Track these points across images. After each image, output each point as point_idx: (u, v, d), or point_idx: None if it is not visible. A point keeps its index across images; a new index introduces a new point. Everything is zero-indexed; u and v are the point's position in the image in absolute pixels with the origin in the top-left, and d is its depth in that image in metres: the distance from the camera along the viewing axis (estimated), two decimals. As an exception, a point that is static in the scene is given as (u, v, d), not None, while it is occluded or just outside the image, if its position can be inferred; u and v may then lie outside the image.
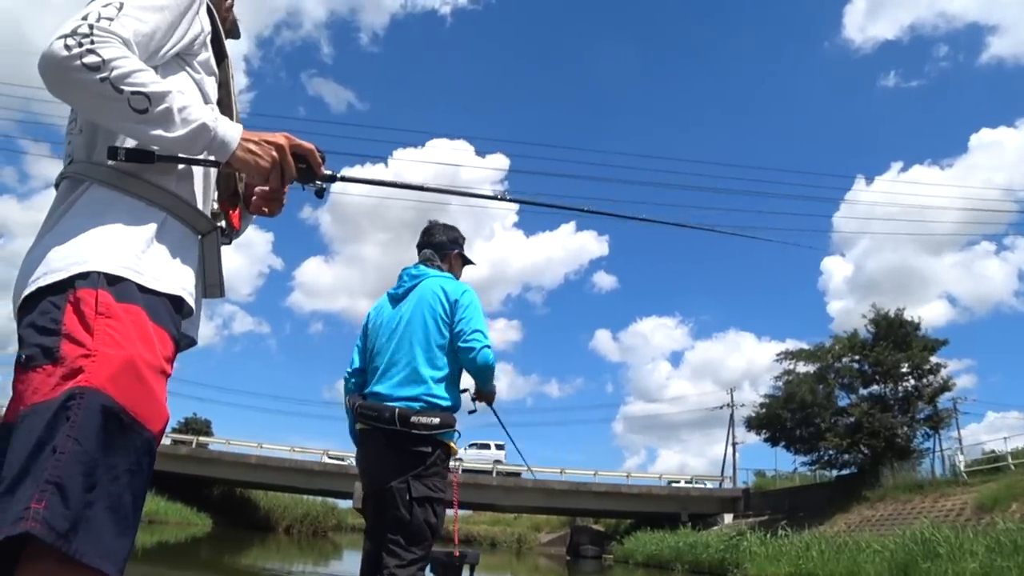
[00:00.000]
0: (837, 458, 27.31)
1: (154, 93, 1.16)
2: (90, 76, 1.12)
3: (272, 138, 1.30)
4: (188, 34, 1.33)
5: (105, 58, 1.12)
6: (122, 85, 1.13)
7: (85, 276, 1.12)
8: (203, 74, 1.39)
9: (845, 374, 27.23)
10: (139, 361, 1.10)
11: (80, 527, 1.00)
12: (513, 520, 57.11)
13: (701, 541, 24.45)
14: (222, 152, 1.25)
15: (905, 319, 27.07)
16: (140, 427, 1.09)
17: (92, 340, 1.08)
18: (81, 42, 1.12)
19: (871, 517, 22.74)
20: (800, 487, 31.54)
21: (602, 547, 38.87)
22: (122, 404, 1.06)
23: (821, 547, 15.94)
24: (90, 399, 1.03)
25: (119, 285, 1.14)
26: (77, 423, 1.02)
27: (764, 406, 29.31)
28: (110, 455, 1.05)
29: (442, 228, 3.17)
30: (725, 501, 34.94)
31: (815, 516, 24.65)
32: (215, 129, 1.23)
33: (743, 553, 20.02)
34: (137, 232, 1.20)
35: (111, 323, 1.10)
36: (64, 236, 1.17)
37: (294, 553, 25.24)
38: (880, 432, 24.88)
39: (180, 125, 1.19)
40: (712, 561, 21.98)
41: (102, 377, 1.05)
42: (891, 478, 23.97)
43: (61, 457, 0.99)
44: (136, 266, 1.17)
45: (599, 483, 36.32)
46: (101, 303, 1.10)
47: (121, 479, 1.07)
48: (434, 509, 2.66)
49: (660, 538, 28.79)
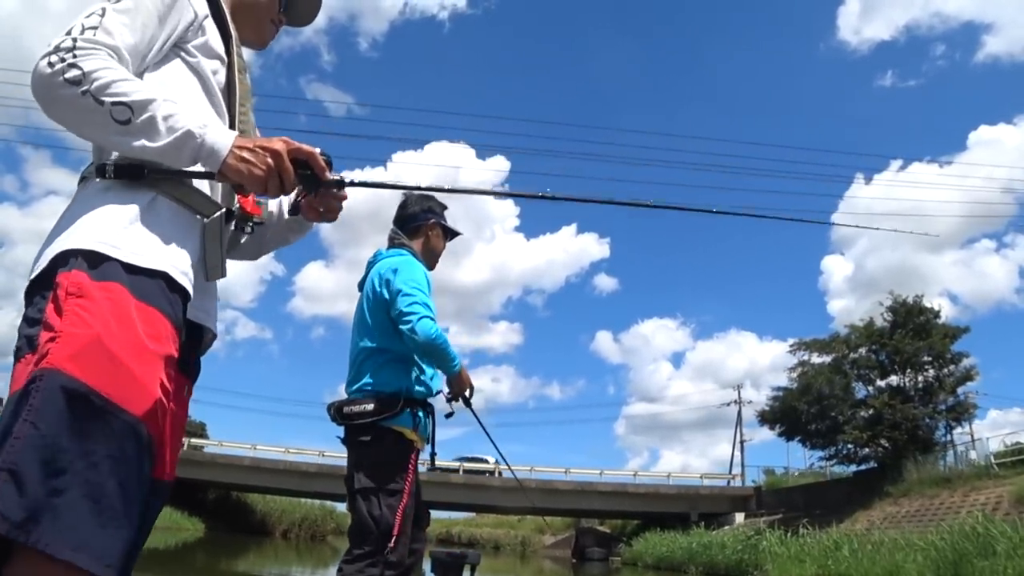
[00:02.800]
0: (856, 452, 26.14)
1: (136, 102, 1.11)
2: (72, 91, 1.09)
3: (268, 144, 1.20)
4: (180, 23, 1.29)
5: (86, 70, 1.10)
6: (103, 96, 1.10)
7: (65, 261, 1.10)
8: (200, 57, 1.33)
9: (863, 364, 26.01)
10: (108, 339, 1.04)
11: (43, 517, 0.94)
12: (517, 522, 56.47)
13: (716, 542, 23.17)
14: (212, 161, 1.17)
15: (924, 306, 25.90)
16: (116, 409, 1.03)
17: (60, 322, 1.04)
18: (63, 57, 1.10)
19: (895, 514, 21.54)
20: (815, 484, 30.41)
21: (609, 549, 38.12)
22: (90, 385, 1.01)
23: (854, 545, 14.68)
24: (49, 380, 0.99)
25: (97, 263, 1.10)
26: (35, 406, 0.98)
27: (777, 399, 28.14)
28: (82, 440, 0.99)
29: (416, 199, 2.99)
30: (736, 500, 34.01)
31: (834, 514, 23.46)
32: (203, 136, 1.15)
33: (763, 554, 18.78)
34: (120, 210, 1.16)
35: (81, 302, 1.06)
36: (57, 229, 1.17)
37: (291, 558, 24.32)
38: (902, 424, 23.76)
39: (165, 134, 1.13)
40: (729, 563, 20.74)
41: (62, 357, 1.01)
42: (915, 472, 22.82)
43: (15, 442, 0.95)
44: (113, 241, 1.13)
45: (605, 482, 35.54)
46: (72, 283, 1.07)
47: (101, 466, 1.00)
48: (379, 500, 2.51)
49: (671, 539, 27.59)
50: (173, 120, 1.13)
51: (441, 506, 40.12)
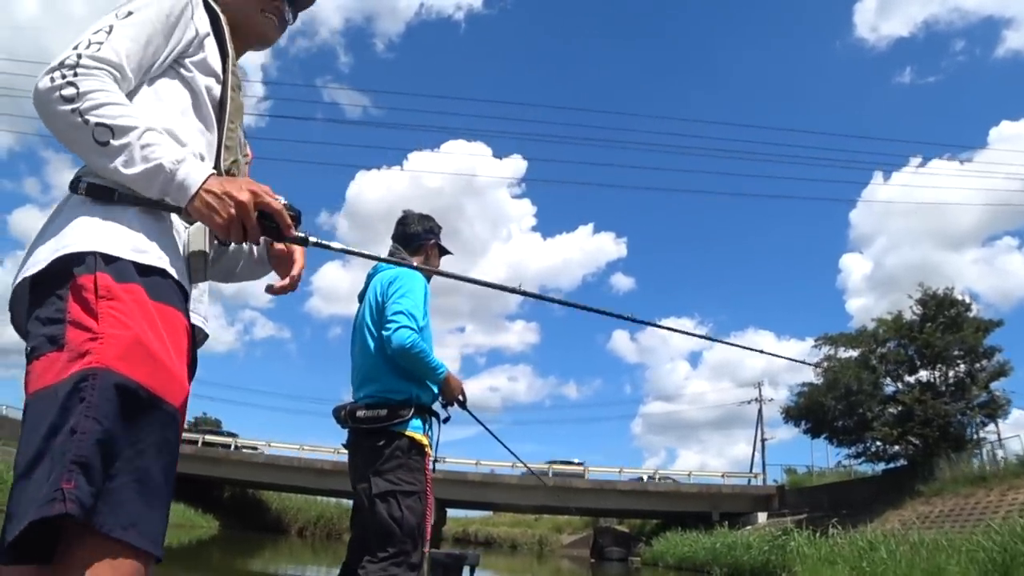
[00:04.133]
0: (885, 450, 25.32)
1: (119, 126, 1.16)
2: (64, 107, 1.15)
3: (236, 193, 1.20)
4: (183, 39, 1.33)
5: (81, 90, 1.15)
6: (89, 116, 1.14)
7: (81, 261, 1.13)
8: (196, 73, 1.36)
9: (891, 359, 25.16)
10: (145, 338, 1.11)
11: (101, 501, 1.02)
12: (534, 521, 56.11)
13: (741, 542, 22.41)
14: (179, 197, 1.19)
15: (955, 298, 24.98)
16: (161, 401, 1.11)
17: (97, 323, 1.09)
18: (64, 74, 1.15)
19: (928, 513, 20.74)
20: (841, 482, 29.62)
21: (628, 549, 37.62)
22: (136, 380, 1.07)
23: (891, 546, 13.94)
24: (103, 379, 1.05)
25: (115, 265, 1.15)
26: (93, 403, 1.03)
27: (802, 395, 27.37)
28: (133, 431, 1.07)
29: (417, 218, 3.13)
30: (758, 499, 33.35)
31: (861, 514, 22.69)
32: (174, 172, 1.18)
33: (790, 555, 18.04)
34: (124, 211, 1.20)
35: (114, 304, 1.11)
36: (57, 226, 1.19)
37: (307, 556, 23.96)
38: (933, 421, 22.92)
39: (139, 162, 1.16)
40: (755, 564, 19.99)
41: (112, 357, 1.06)
42: (948, 470, 21.98)
43: (82, 436, 1.01)
44: (129, 244, 1.17)
45: (624, 481, 34.91)
46: (101, 286, 1.11)
47: (147, 453, 1.08)
48: (399, 502, 2.59)
49: (693, 539, 26.89)
50: (149, 150, 1.17)
51: (456, 504, 39.80)
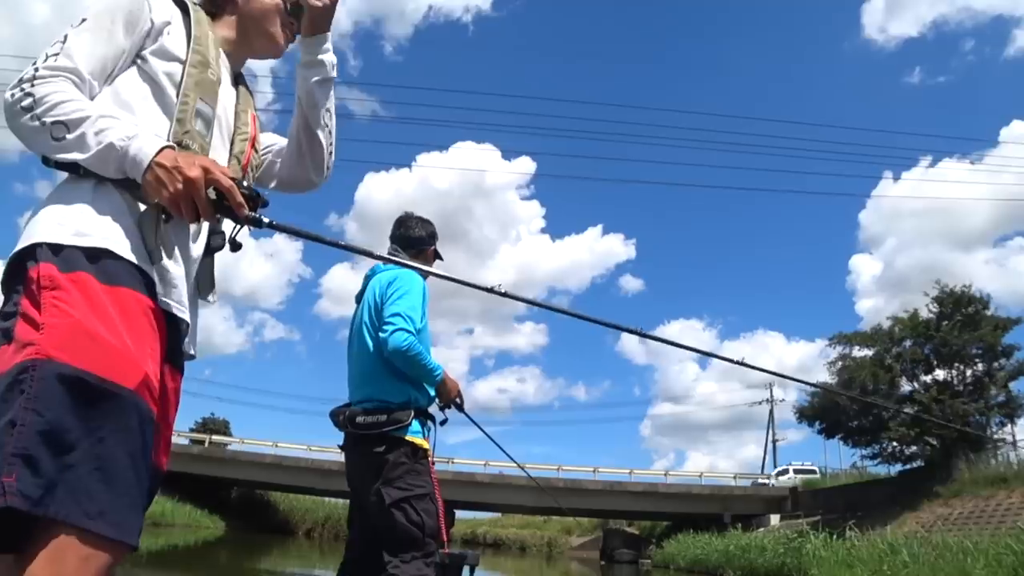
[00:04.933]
0: (901, 451, 24.83)
1: (72, 120, 1.20)
2: (25, 116, 1.21)
3: (186, 168, 1.19)
4: (139, 33, 1.35)
5: (36, 96, 1.21)
6: (45, 118, 1.20)
7: (32, 254, 1.16)
8: (153, 60, 1.36)
9: (908, 358, 24.66)
10: (89, 324, 1.10)
11: (56, 490, 1.01)
12: (543, 523, 55.68)
13: (755, 544, 21.95)
14: (134, 171, 1.21)
15: (973, 295, 24.47)
16: (112, 385, 1.09)
17: (40, 314, 1.10)
18: (23, 87, 1.22)
19: (947, 515, 20.27)
20: (856, 484, 29.07)
21: (638, 551, 37.19)
22: (82, 368, 1.06)
23: (913, 549, 13.49)
24: (43, 369, 1.04)
25: (62, 254, 1.16)
26: (33, 394, 1.03)
27: (817, 394, 26.89)
28: (86, 419, 1.05)
29: (418, 222, 3.15)
30: (771, 501, 32.86)
31: (878, 516, 22.21)
32: (125, 148, 1.20)
33: (806, 557, 17.58)
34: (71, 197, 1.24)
35: (57, 294, 1.12)
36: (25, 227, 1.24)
37: (315, 558, 23.68)
38: (951, 421, 22.39)
39: (92, 146, 1.20)
40: (769, 567, 19.53)
41: (52, 346, 1.06)
42: (967, 471, 21.50)
43: (22, 429, 1.00)
44: (68, 228, 1.19)
45: (635, 482, 34.51)
46: (44, 275, 1.13)
47: (107, 440, 1.07)
48: (414, 507, 2.61)
49: (706, 541, 26.39)
50: (103, 135, 1.20)
51: (465, 506, 39.49)
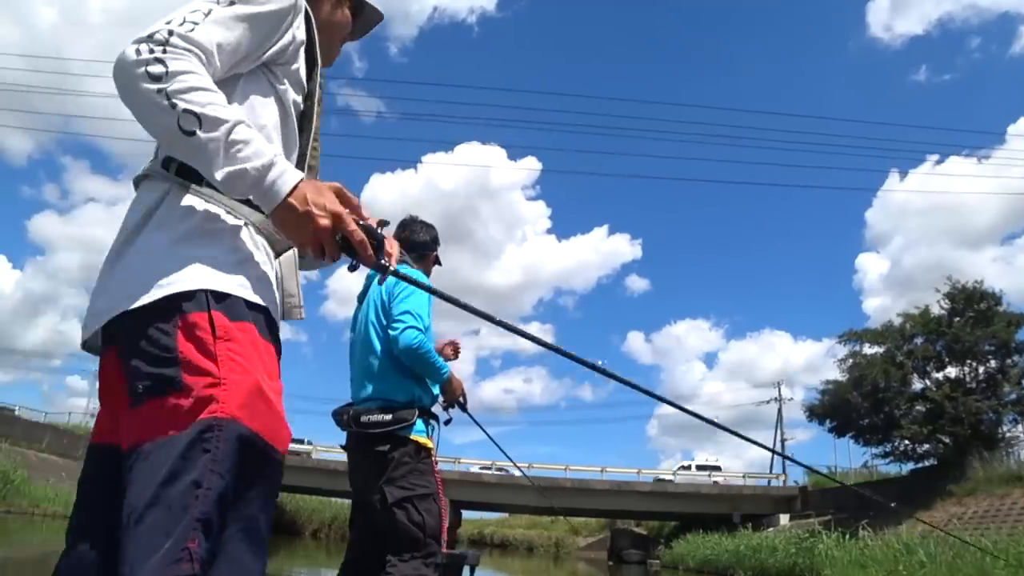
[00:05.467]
0: (914, 449, 24.49)
1: (208, 117, 1.06)
2: (149, 85, 1.06)
3: (318, 217, 1.11)
4: (279, 44, 1.26)
5: (170, 70, 1.06)
6: (176, 100, 1.05)
7: (190, 297, 1.09)
8: (287, 85, 1.30)
9: (919, 355, 24.32)
10: (263, 384, 1.09)
11: (219, 557, 1.01)
12: (550, 523, 55.43)
13: (766, 544, 21.67)
14: (264, 204, 1.12)
15: (985, 291, 24.12)
16: (272, 450, 1.08)
17: (217, 367, 1.05)
18: (153, 49, 1.07)
19: (961, 515, 19.95)
20: (867, 483, 28.68)
21: (647, 551, 36.92)
22: (255, 431, 1.05)
23: (930, 548, 13.21)
24: (228, 430, 1.02)
25: (227, 302, 1.11)
26: (219, 456, 1.01)
27: (826, 392, 26.60)
28: (245, 480, 1.04)
29: (422, 226, 3.15)
30: (780, 500, 32.53)
31: (890, 515, 21.86)
32: (260, 179, 1.10)
33: (819, 557, 17.31)
34: (225, 243, 1.16)
35: (231, 346, 1.08)
36: (151, 251, 1.12)
37: (321, 559, 23.45)
38: (964, 418, 22.09)
39: (223, 162, 1.08)
40: (781, 567, 19.26)
41: (234, 405, 1.04)
42: (981, 469, 21.15)
43: (208, 493, 0.99)
44: (236, 279, 1.14)
45: (643, 482, 34.23)
46: (218, 325, 1.08)
47: (255, 502, 1.06)
48: (416, 507, 2.60)
49: (716, 541, 26.11)
50: (236, 149, 1.08)
51: (472, 506, 39.29)
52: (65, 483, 25.39)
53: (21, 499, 21.64)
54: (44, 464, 26.38)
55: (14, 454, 23.58)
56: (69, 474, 27.05)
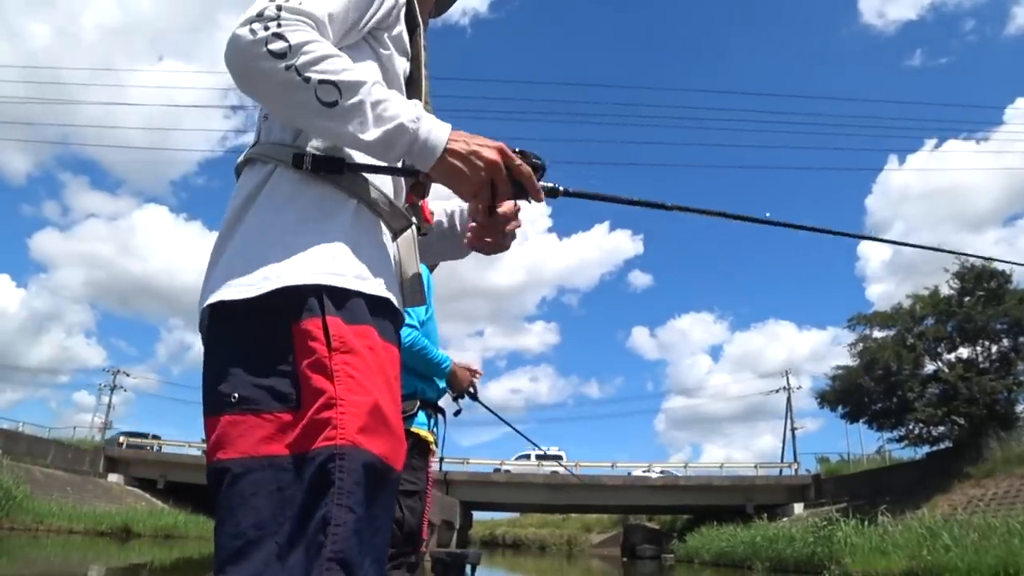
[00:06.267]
0: (928, 432, 24.12)
1: (345, 83, 0.99)
2: (275, 64, 0.97)
3: (485, 152, 1.05)
4: (383, 9, 1.17)
5: (292, 43, 0.98)
6: (309, 73, 0.97)
7: (302, 295, 0.98)
8: (392, 50, 1.20)
9: (931, 336, 23.95)
10: (383, 402, 0.99)
11: None
12: (562, 521, 55.17)
13: (783, 534, 21.31)
14: (423, 160, 1.04)
15: (995, 270, 23.72)
16: (391, 470, 1.00)
17: (334, 385, 0.95)
18: (267, 25, 0.98)
19: (981, 496, 19.58)
20: (882, 468, 28.40)
21: (660, 546, 36.61)
22: (377, 454, 0.97)
23: (954, 532, 12.85)
24: (352, 460, 0.93)
25: (344, 303, 1.00)
26: (346, 489, 0.92)
27: (837, 378, 26.22)
28: (374, 508, 0.97)
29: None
30: (794, 489, 32.21)
31: (907, 500, 21.54)
32: (416, 131, 1.02)
33: (838, 545, 16.96)
34: (338, 227, 1.05)
35: (347, 359, 0.97)
36: (256, 238, 1.03)
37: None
38: (979, 399, 21.72)
39: (373, 123, 1.00)
40: (799, 557, 18.91)
41: (354, 430, 0.94)
42: (999, 450, 20.78)
43: (339, 530, 0.91)
44: (354, 270, 1.02)
45: (654, 476, 33.93)
46: (334, 335, 0.97)
47: (382, 529, 1.00)
48: (399, 503, 2.46)
49: (731, 533, 25.77)
50: (383, 108, 1.01)
51: (481, 507, 39.01)
52: (70, 498, 25.15)
53: (24, 515, 21.35)
54: (49, 480, 26.11)
55: (18, 470, 23.27)
56: (74, 489, 26.80)
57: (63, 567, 13.29)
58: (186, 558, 19.98)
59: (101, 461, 32.33)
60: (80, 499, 25.67)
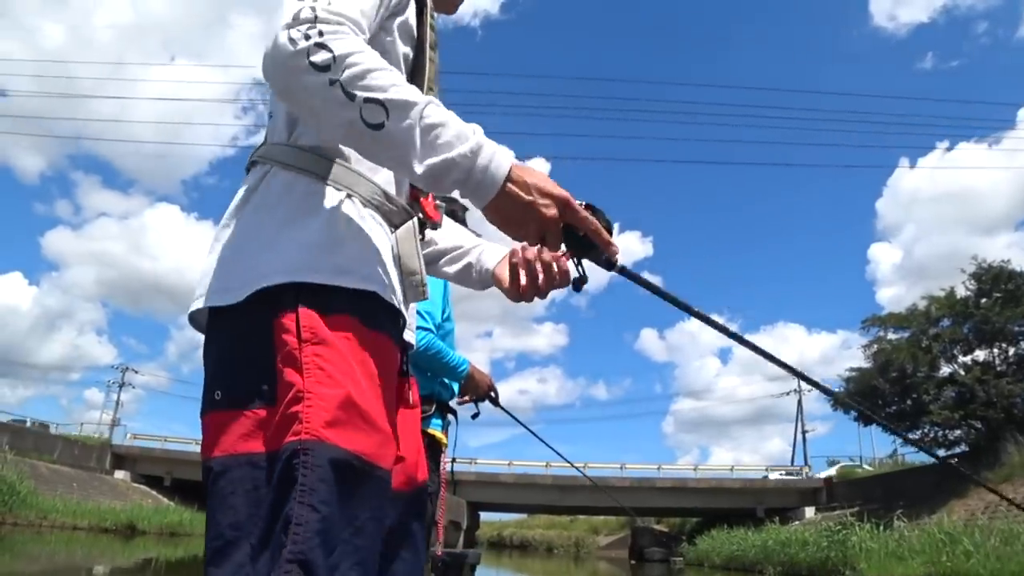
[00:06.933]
0: (944, 436, 23.68)
1: (395, 103, 0.90)
2: (319, 78, 0.89)
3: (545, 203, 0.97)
4: None
5: (337, 54, 0.90)
6: (355, 90, 0.89)
7: (278, 295, 0.95)
8: (396, 36, 1.12)
9: (947, 338, 23.52)
10: (357, 394, 0.93)
11: None
12: (569, 523, 54.81)
13: (796, 538, 20.93)
14: (476, 198, 0.96)
15: (1013, 270, 23.28)
16: (372, 467, 0.95)
17: (302, 378, 0.91)
18: (308, 33, 0.89)
19: (999, 501, 19.10)
20: (895, 472, 27.90)
21: (669, 549, 36.19)
22: (351, 450, 0.91)
23: (975, 538, 12.49)
24: (316, 455, 0.89)
25: (319, 294, 0.96)
26: (308, 487, 0.88)
27: (851, 380, 25.82)
28: (349, 507, 0.92)
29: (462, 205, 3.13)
30: (805, 493, 31.80)
31: (921, 504, 21.11)
32: (472, 167, 0.93)
33: (853, 550, 16.59)
34: (321, 222, 1.00)
35: (320, 350, 0.93)
36: (241, 238, 1.01)
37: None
38: (996, 402, 21.28)
39: (422, 153, 0.91)
40: (812, 561, 18.53)
41: (320, 424, 0.90)
42: (1016, 454, 20.31)
43: (299, 529, 0.87)
44: (331, 267, 0.97)
45: (664, 478, 33.61)
46: (304, 326, 0.94)
47: (365, 529, 0.94)
48: None
49: (742, 536, 25.37)
50: (435, 135, 0.91)
51: (489, 507, 38.78)
52: (75, 494, 25.07)
53: (28, 511, 21.25)
54: (55, 475, 26.05)
55: (22, 465, 23.19)
56: (80, 485, 26.75)
57: (66, 563, 13.13)
58: (191, 555, 19.85)
59: (108, 457, 32.31)
60: (85, 495, 25.60)
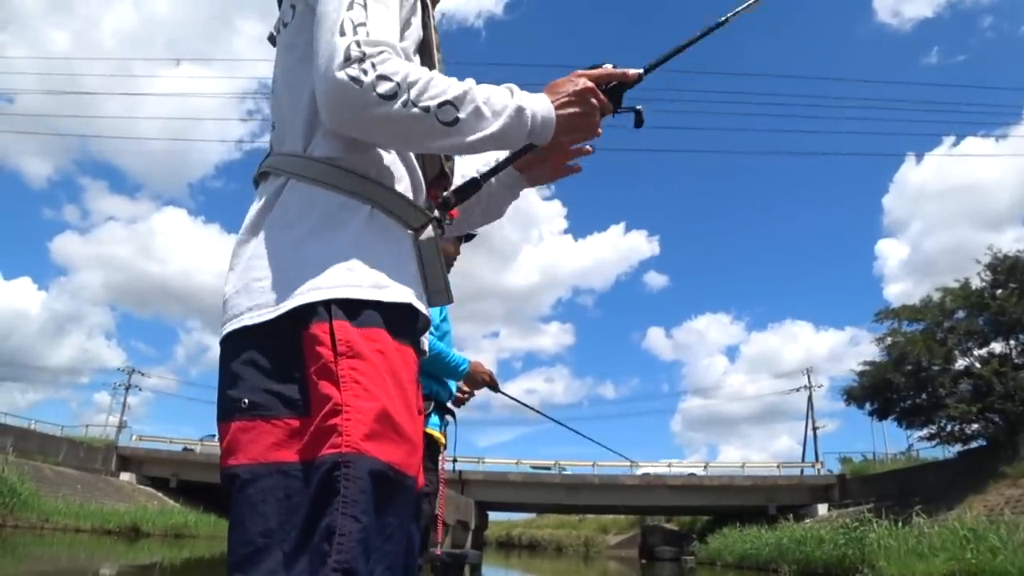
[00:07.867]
0: (961, 430, 23.19)
1: (456, 96, 1.01)
2: (391, 106, 0.96)
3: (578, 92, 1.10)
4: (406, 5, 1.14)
5: (398, 80, 0.97)
6: (425, 101, 0.98)
7: (311, 307, 0.98)
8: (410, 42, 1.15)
9: (962, 330, 23.04)
10: (392, 407, 0.97)
11: None
12: (578, 522, 54.45)
13: (811, 536, 20.49)
14: (543, 132, 1.08)
15: (1030, 261, 22.77)
16: (403, 476, 0.99)
17: (339, 391, 0.94)
18: (365, 69, 0.96)
19: (1020, 497, 18.66)
20: (910, 468, 27.43)
21: (680, 548, 35.81)
22: (386, 461, 0.95)
23: (1001, 533, 12.05)
24: (357, 468, 0.92)
25: (353, 308, 0.99)
26: (350, 498, 0.91)
27: (864, 374, 25.34)
28: (383, 516, 0.96)
29: None
30: (817, 490, 31.35)
31: (938, 500, 20.66)
32: (528, 109, 1.06)
33: (871, 547, 16.15)
34: (348, 235, 1.04)
35: (355, 364, 0.96)
36: (269, 254, 1.04)
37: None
38: (1015, 395, 20.79)
39: (492, 119, 1.03)
40: (828, 559, 18.09)
41: (359, 437, 0.93)
42: (1035, 449, 19.85)
43: (343, 539, 0.91)
44: (369, 282, 1.01)
45: (674, 476, 33.18)
46: (340, 339, 0.96)
47: (394, 536, 0.99)
48: None
49: (755, 535, 24.92)
50: (492, 102, 1.03)
51: (498, 507, 38.43)
52: (79, 496, 24.83)
53: (29, 513, 21.00)
54: (59, 477, 25.83)
55: (26, 467, 22.96)
56: (85, 487, 26.51)
57: (68, 566, 12.84)
58: (196, 557, 19.60)
59: (113, 459, 32.10)
60: (90, 497, 25.34)
